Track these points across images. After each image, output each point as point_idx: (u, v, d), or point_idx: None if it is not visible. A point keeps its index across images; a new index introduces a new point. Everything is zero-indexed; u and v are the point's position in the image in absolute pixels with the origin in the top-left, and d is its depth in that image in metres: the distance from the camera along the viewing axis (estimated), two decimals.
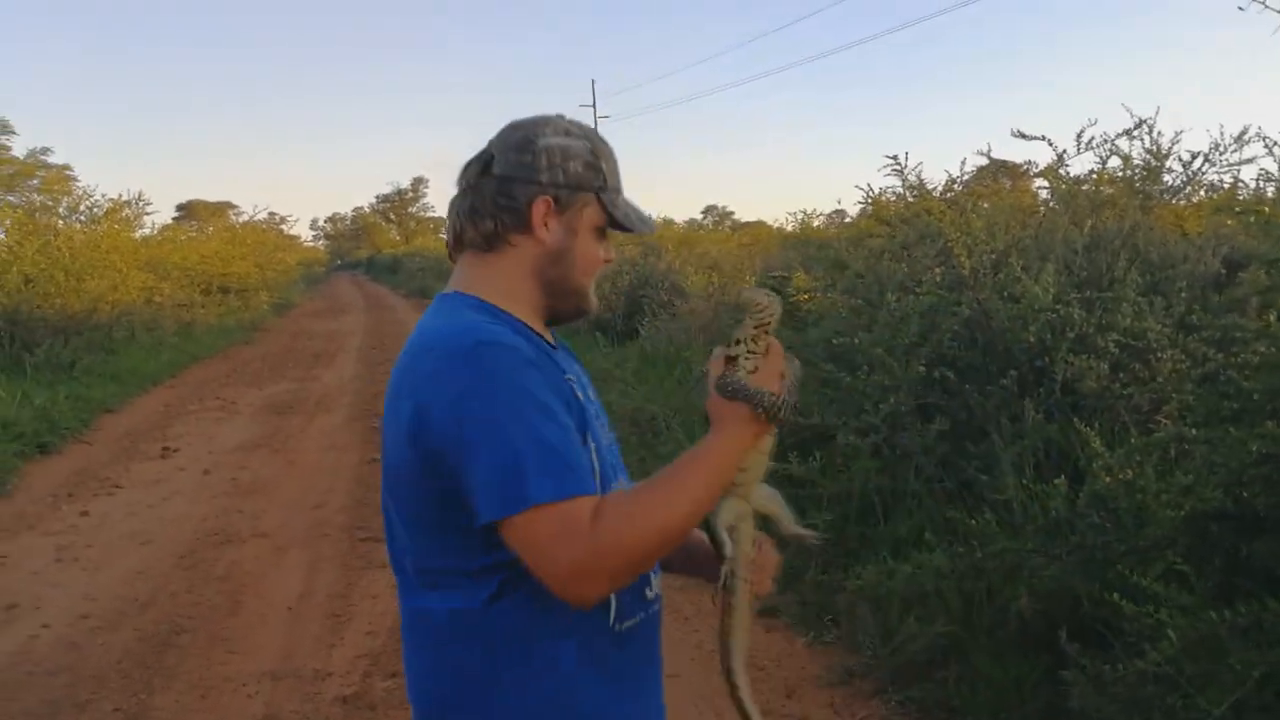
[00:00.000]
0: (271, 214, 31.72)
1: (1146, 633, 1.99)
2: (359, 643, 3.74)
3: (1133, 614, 1.94)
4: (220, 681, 3.44)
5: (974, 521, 3.38)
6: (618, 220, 1.23)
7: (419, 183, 71.89)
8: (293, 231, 42.41)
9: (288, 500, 5.98)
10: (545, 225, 1.18)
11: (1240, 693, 1.66)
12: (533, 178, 1.18)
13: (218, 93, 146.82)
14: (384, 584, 4.38)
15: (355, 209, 77.34)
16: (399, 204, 71.80)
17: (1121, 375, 4.02)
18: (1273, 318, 2.54)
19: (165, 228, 21.05)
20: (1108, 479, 3.04)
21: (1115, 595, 2.01)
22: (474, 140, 1.26)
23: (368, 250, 64.16)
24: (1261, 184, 5.24)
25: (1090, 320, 4.20)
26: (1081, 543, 3.05)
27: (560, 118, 1.25)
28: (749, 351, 1.14)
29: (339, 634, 3.84)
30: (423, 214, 71.61)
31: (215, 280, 17.71)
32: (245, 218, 29.38)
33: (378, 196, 73.28)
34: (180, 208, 52.30)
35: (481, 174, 1.20)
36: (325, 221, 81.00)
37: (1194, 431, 2.70)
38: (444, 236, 1.35)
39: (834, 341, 4.85)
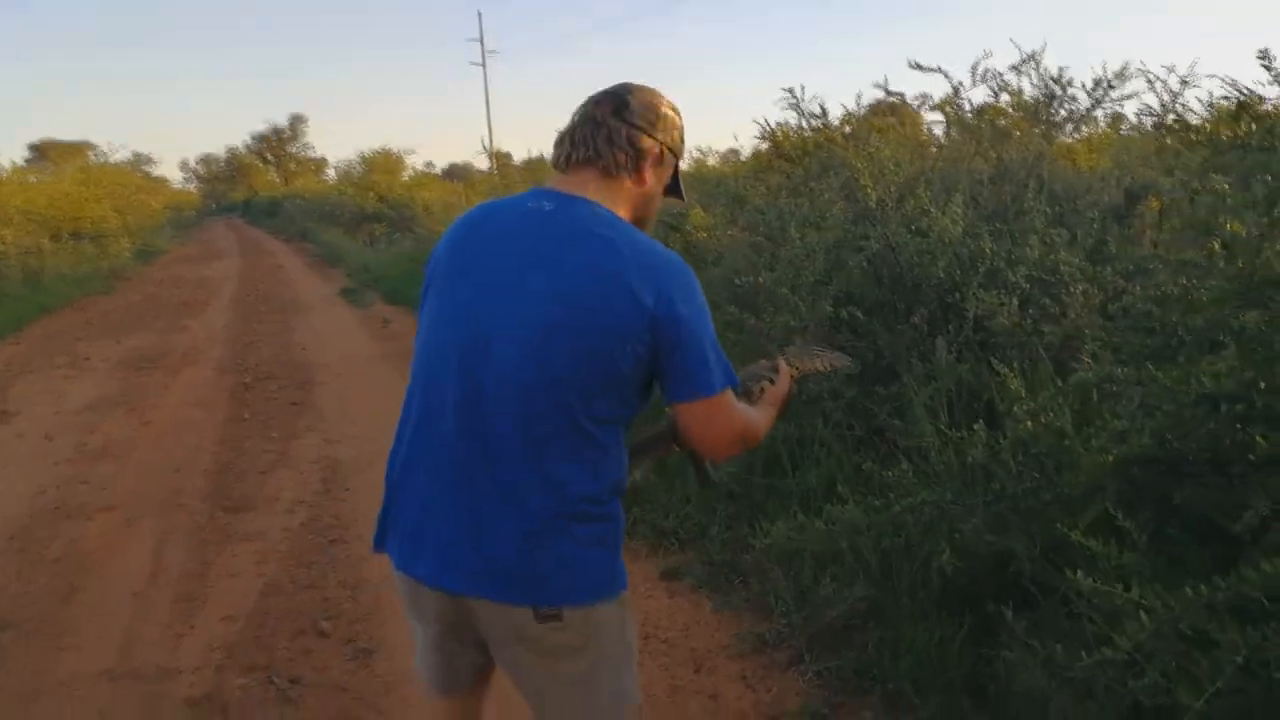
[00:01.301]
0: (135, 154, 29.63)
1: (1101, 605, 1.75)
2: (213, 631, 3.31)
3: (1091, 591, 1.69)
4: (48, 686, 2.97)
5: (890, 472, 3.15)
6: (678, 183, 1.66)
7: (298, 121, 68.30)
8: (159, 173, 39.88)
9: (142, 465, 5.41)
10: (649, 171, 1.56)
11: (1221, 681, 1.42)
12: (653, 133, 1.56)
13: (77, 26, 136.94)
14: (247, 559, 3.94)
15: (229, 149, 73.18)
16: (277, 144, 68.14)
17: (1032, 311, 3.84)
18: (1216, 245, 2.32)
19: (13, 170, 19.28)
20: (1029, 423, 2.83)
21: (1076, 574, 1.75)
22: (357, 75, 0.91)
23: (244, 192, 60.88)
24: (1142, 119, 5.17)
25: (1000, 253, 4.00)
26: (1003, 491, 2.85)
27: (662, 94, 1.61)
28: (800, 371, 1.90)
29: (189, 621, 3.39)
30: (303, 154, 68.27)
31: (66, 225, 16.33)
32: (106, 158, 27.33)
33: (253, 135, 69.38)
34: (33, 148, 48.64)
35: (615, 114, 1.54)
36: (197, 162, 76.73)
37: (1122, 371, 2.48)
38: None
39: (736, 282, 4.54)
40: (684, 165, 1.71)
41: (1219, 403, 2.26)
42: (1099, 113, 5.54)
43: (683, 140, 1.64)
